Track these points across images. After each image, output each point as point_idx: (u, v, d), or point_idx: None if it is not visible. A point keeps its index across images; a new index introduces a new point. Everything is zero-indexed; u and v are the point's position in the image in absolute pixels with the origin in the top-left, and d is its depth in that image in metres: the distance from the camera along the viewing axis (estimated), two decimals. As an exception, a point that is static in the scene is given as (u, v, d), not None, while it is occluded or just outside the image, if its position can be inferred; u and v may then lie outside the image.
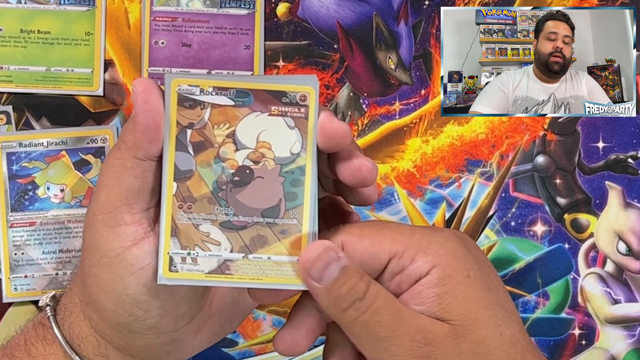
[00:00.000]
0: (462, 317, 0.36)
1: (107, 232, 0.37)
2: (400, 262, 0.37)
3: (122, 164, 0.37)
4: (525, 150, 0.60)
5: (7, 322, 0.57)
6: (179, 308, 0.39)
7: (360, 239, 0.37)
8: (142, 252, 0.37)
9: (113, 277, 0.37)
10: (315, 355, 0.58)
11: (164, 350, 0.40)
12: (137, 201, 0.37)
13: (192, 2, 0.58)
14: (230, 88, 0.37)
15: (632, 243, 0.60)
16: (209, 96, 0.37)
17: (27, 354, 0.40)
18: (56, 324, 0.41)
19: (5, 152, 0.57)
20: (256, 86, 0.37)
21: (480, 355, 0.36)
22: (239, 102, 0.37)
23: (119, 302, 0.38)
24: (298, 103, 0.37)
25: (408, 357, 0.36)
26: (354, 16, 0.59)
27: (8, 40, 0.57)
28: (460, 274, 0.36)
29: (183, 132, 0.37)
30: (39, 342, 0.41)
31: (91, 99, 0.58)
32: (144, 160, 0.37)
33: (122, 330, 0.39)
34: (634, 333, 0.59)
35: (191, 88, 0.37)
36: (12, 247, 0.57)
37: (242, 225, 0.37)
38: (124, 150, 0.37)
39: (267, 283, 0.37)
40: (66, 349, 0.40)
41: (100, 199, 0.37)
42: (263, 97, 0.37)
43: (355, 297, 0.36)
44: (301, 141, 0.37)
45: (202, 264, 0.37)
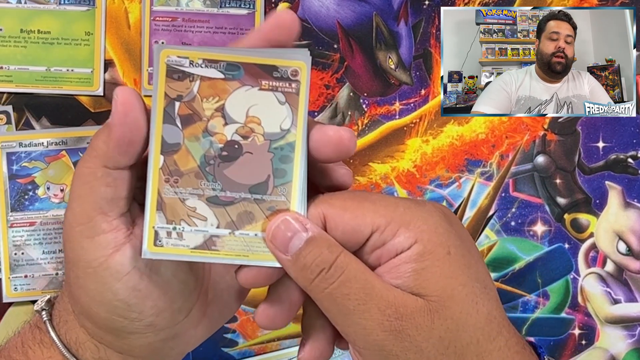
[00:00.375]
0: (439, 293, 0.36)
1: (87, 242, 0.37)
2: (382, 237, 0.36)
3: (93, 173, 0.36)
4: (525, 150, 0.60)
5: (7, 322, 0.57)
6: (174, 303, 0.39)
7: (343, 211, 0.36)
8: (125, 258, 0.37)
9: (100, 286, 0.37)
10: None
11: (167, 346, 0.40)
12: (112, 209, 0.37)
13: (192, 2, 0.58)
14: (221, 61, 0.36)
15: (632, 243, 0.60)
16: (198, 68, 0.36)
17: (25, 357, 0.40)
18: (53, 328, 0.40)
19: (5, 152, 0.57)
20: (247, 60, 0.36)
21: (454, 331, 0.36)
22: (229, 75, 0.36)
23: (112, 308, 0.37)
24: (289, 78, 0.37)
25: (378, 330, 0.35)
26: (354, 16, 0.59)
27: (8, 40, 0.57)
28: (441, 250, 0.36)
29: (171, 105, 0.36)
30: (37, 345, 0.41)
31: (91, 99, 0.58)
32: (114, 170, 0.37)
33: (121, 333, 0.39)
34: (634, 333, 0.59)
35: (180, 60, 0.36)
36: (12, 247, 0.57)
37: (229, 201, 0.37)
38: (94, 158, 0.36)
39: (252, 260, 0.37)
40: (65, 354, 0.40)
41: (75, 210, 0.37)
42: (254, 71, 0.36)
43: (320, 267, 0.35)
44: (291, 117, 0.37)
45: (188, 239, 0.36)
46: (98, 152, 0.36)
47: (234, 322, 0.58)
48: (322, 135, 0.37)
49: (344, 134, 0.37)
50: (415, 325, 0.35)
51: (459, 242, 0.37)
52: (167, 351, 0.41)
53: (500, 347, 0.37)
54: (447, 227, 0.37)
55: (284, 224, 0.36)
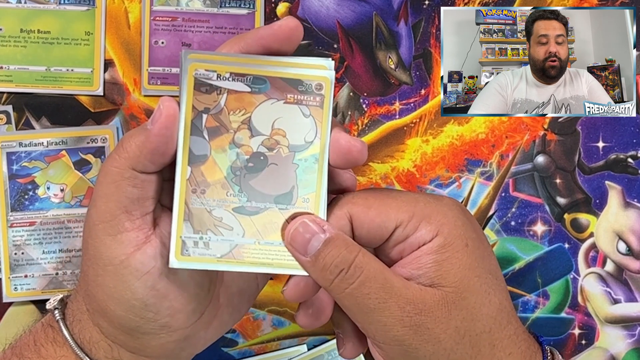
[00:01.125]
0: (457, 284, 0.37)
1: (109, 240, 0.37)
2: (405, 231, 0.37)
3: (120, 173, 0.37)
4: (525, 150, 0.60)
5: (7, 321, 0.57)
6: (189, 305, 0.39)
7: (367, 209, 0.38)
8: (146, 257, 0.37)
9: (120, 284, 0.37)
10: (315, 356, 0.58)
11: (178, 347, 0.41)
12: (137, 208, 0.37)
13: (192, 2, 0.58)
14: (248, 74, 0.37)
15: (632, 243, 0.60)
16: (226, 82, 0.37)
17: (37, 355, 0.40)
18: (66, 327, 0.41)
19: (5, 152, 0.57)
20: (273, 73, 0.37)
21: (469, 321, 0.37)
22: (256, 88, 0.37)
23: (129, 307, 0.38)
24: (314, 92, 0.37)
25: (398, 326, 0.36)
26: (354, 16, 0.59)
27: (8, 40, 0.57)
28: (459, 243, 0.37)
29: (199, 117, 0.37)
30: (49, 344, 0.41)
31: (91, 99, 0.58)
32: (141, 173, 0.37)
33: (135, 333, 0.39)
34: (634, 333, 0.59)
35: (208, 73, 0.37)
36: (12, 247, 0.57)
37: (255, 211, 0.38)
38: (124, 159, 0.37)
39: (276, 268, 0.38)
40: (78, 353, 0.40)
41: (100, 207, 0.37)
42: (279, 84, 0.37)
43: (340, 267, 0.36)
44: (315, 129, 0.38)
45: (214, 248, 0.37)
46: (129, 155, 0.37)
47: (234, 322, 0.58)
48: (334, 142, 0.38)
49: (354, 146, 0.38)
50: (434, 318, 0.36)
51: (475, 235, 0.38)
52: (178, 352, 0.41)
53: (510, 335, 0.38)
54: (465, 220, 0.38)
55: (302, 226, 0.37)
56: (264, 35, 0.37)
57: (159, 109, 0.36)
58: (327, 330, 0.59)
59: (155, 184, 0.38)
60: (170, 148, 0.36)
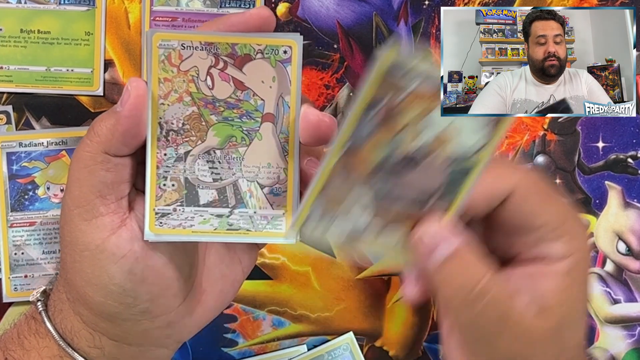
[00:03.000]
0: (564, 318, 0.36)
1: (84, 225, 0.37)
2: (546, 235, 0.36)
3: (93, 157, 0.37)
4: (525, 150, 0.60)
5: (8, 321, 0.57)
6: (169, 290, 0.39)
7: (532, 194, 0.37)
8: (122, 240, 0.37)
9: (97, 269, 0.37)
10: (315, 356, 0.58)
11: (163, 334, 0.40)
12: (111, 192, 0.37)
13: (192, 2, 0.58)
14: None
15: (631, 243, 0.60)
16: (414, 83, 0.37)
17: (20, 347, 0.40)
18: (48, 318, 0.41)
19: (5, 152, 0.57)
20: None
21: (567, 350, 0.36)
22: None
23: (107, 292, 0.38)
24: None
25: (506, 353, 0.35)
26: (354, 16, 0.59)
27: (8, 40, 0.57)
28: (583, 274, 0.36)
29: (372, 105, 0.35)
30: (32, 336, 0.41)
31: (91, 99, 0.58)
32: (115, 157, 0.37)
33: (115, 320, 0.39)
34: (634, 333, 0.59)
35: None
36: (12, 247, 0.57)
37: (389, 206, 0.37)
38: (96, 143, 0.36)
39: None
40: (60, 343, 0.40)
41: (73, 193, 0.37)
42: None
43: (465, 289, 0.35)
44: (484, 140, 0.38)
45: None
46: (101, 138, 0.36)
47: (234, 322, 0.58)
48: (303, 118, 0.37)
49: (323, 121, 0.37)
50: (543, 350, 0.35)
51: (587, 266, 0.38)
52: (163, 339, 0.41)
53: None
54: (589, 248, 0.38)
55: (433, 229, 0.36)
56: (234, 23, 0.37)
57: (127, 90, 0.36)
58: (327, 330, 0.59)
59: (129, 167, 0.37)
60: (142, 129, 0.36)
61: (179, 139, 0.37)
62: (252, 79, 0.37)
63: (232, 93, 0.37)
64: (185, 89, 0.37)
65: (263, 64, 0.37)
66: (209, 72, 0.37)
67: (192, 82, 0.37)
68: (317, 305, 0.59)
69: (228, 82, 0.37)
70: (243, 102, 0.37)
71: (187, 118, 0.37)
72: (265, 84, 0.37)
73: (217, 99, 0.37)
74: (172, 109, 0.37)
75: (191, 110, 0.37)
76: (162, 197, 0.37)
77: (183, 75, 0.37)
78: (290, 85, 0.37)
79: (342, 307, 0.58)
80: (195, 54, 0.37)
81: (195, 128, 0.37)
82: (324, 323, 0.59)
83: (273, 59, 0.37)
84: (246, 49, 0.37)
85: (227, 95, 0.37)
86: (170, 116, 0.37)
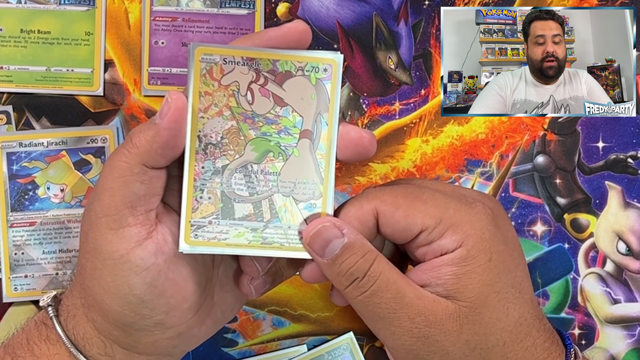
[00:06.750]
0: (473, 299, 0.37)
1: (111, 234, 0.37)
2: (430, 236, 0.37)
3: (130, 168, 0.37)
4: (525, 150, 0.60)
5: (8, 321, 0.57)
6: (185, 303, 0.39)
7: (395, 209, 0.38)
8: (147, 253, 0.37)
9: (118, 278, 0.37)
10: (315, 356, 0.58)
11: (171, 345, 0.40)
12: (142, 204, 0.37)
13: (192, 2, 0.58)
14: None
15: (631, 243, 0.60)
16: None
17: (30, 353, 0.40)
18: (59, 324, 0.40)
19: (5, 152, 0.57)
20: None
21: (481, 335, 0.37)
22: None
23: (125, 302, 0.38)
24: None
25: (406, 337, 0.37)
26: (354, 16, 0.59)
27: (8, 40, 0.57)
28: (483, 257, 0.37)
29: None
30: (42, 342, 0.41)
31: (91, 99, 0.58)
32: (151, 169, 0.37)
33: (129, 329, 0.39)
34: (634, 333, 0.59)
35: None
36: (12, 247, 0.57)
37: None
38: (134, 155, 0.37)
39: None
40: (72, 350, 0.40)
41: (104, 201, 0.37)
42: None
43: (354, 276, 0.37)
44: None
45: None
46: (139, 150, 0.37)
47: (234, 322, 0.58)
48: (343, 135, 0.38)
49: (365, 136, 0.38)
50: (444, 331, 0.37)
51: (502, 247, 0.38)
52: (170, 349, 0.41)
53: (528, 347, 0.38)
54: (493, 232, 0.38)
55: (317, 228, 0.37)
56: (272, 37, 0.37)
57: (167, 102, 0.36)
58: (327, 330, 0.59)
59: (162, 180, 0.38)
60: (181, 141, 0.37)
61: (217, 152, 0.38)
62: (292, 96, 0.38)
63: (271, 109, 0.38)
64: (225, 103, 0.37)
65: (303, 81, 0.37)
66: (250, 87, 0.37)
67: (232, 96, 0.37)
68: (317, 305, 0.59)
69: (268, 98, 0.38)
70: (282, 118, 0.38)
71: (226, 132, 0.38)
72: (304, 101, 0.38)
73: (257, 114, 0.38)
74: (211, 122, 0.37)
75: (230, 125, 0.38)
76: (198, 210, 0.37)
77: (224, 90, 0.37)
78: (328, 103, 0.38)
79: (342, 307, 0.58)
80: (237, 69, 0.37)
81: (233, 142, 0.38)
82: (324, 323, 0.59)
83: (313, 77, 0.37)
84: (287, 65, 0.37)
85: (267, 111, 0.38)
86: (209, 129, 0.37)
